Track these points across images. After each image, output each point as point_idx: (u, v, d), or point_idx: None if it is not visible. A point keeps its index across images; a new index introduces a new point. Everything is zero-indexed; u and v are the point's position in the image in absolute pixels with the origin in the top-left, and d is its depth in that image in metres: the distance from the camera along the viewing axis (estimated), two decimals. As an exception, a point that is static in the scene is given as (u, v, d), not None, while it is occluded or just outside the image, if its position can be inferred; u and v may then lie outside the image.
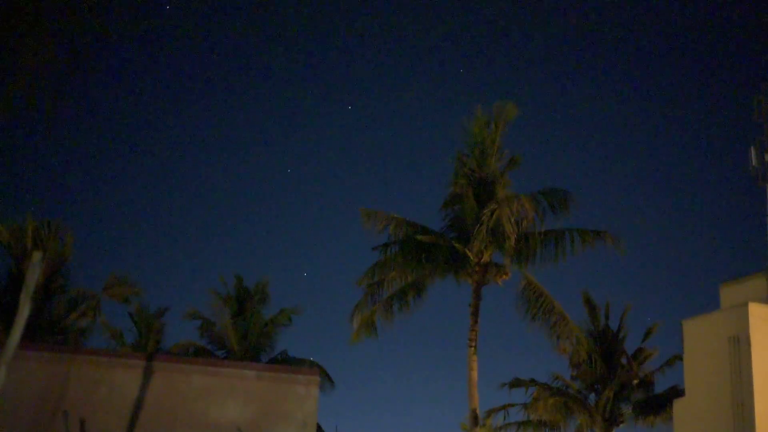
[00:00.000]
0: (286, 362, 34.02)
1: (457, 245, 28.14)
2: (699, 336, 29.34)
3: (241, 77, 70.97)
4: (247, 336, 33.82)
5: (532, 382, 34.12)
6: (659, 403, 33.57)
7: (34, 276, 10.20)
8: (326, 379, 34.25)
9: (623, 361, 34.09)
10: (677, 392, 32.14)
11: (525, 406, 34.16)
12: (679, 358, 32.37)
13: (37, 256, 10.31)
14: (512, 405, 34.41)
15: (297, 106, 71.36)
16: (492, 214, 27.25)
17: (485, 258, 28.34)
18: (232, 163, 70.38)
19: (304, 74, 71.54)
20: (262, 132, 71.17)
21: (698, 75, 67.03)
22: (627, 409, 34.07)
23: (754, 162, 36.07)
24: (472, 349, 28.03)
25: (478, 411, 28.07)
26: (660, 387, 34.46)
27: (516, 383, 34.12)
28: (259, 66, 70.36)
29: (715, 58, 66.33)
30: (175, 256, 69.16)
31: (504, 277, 28.52)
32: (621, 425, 33.97)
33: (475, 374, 27.96)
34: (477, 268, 28.33)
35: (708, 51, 67.35)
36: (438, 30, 68.38)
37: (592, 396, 34.21)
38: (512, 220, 27.44)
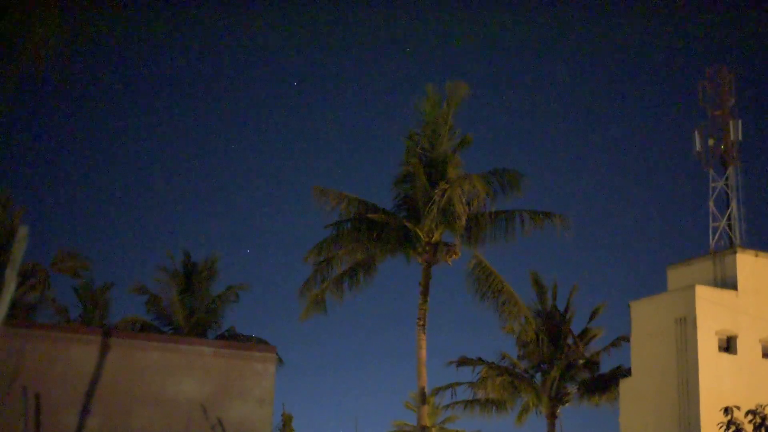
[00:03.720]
0: (234, 339, 33.88)
1: (407, 224, 28.18)
2: (646, 317, 29.77)
3: (191, 55, 70.26)
4: (194, 312, 33.62)
5: (480, 361, 34.36)
6: (605, 383, 34.03)
7: (20, 251, 9.99)
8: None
9: (569, 341, 34.47)
10: (623, 372, 32.60)
11: (472, 384, 34.41)
12: (625, 339, 32.84)
13: (23, 230, 10.08)
14: (459, 384, 34.66)
15: (245, 83, 70.94)
16: (443, 194, 27.29)
17: (436, 237, 28.41)
18: (181, 139, 69.80)
19: (251, 50, 71.03)
20: (210, 109, 70.67)
21: (645, 60, 67.73)
22: (573, 389, 34.50)
23: (698, 147, 36.59)
24: (421, 327, 28.10)
25: (426, 389, 28.18)
26: (605, 367, 34.95)
27: (463, 362, 34.34)
28: (207, 43, 69.74)
29: (662, 43, 67.03)
30: (122, 230, 68.52)
31: (454, 256, 28.60)
32: (567, 404, 34.40)
33: (423, 353, 28.04)
34: (427, 248, 28.39)
35: (655, 36, 68.04)
36: (389, 8, 68.26)
37: (539, 375, 34.57)
38: (463, 200, 27.54)
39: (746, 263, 30.67)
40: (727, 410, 20.12)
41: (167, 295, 33.88)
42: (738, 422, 19.98)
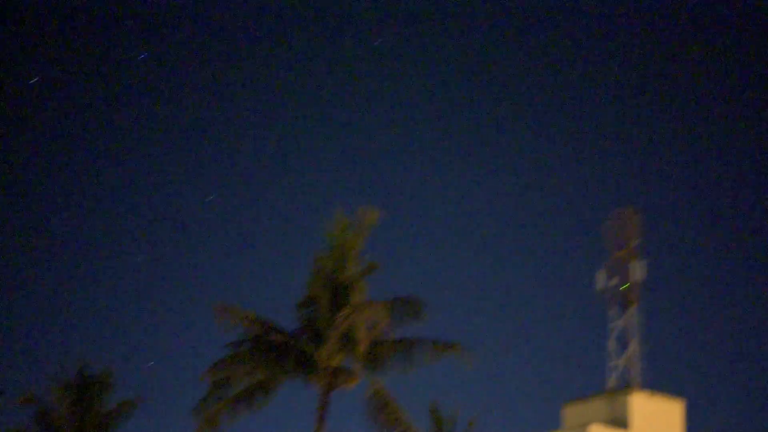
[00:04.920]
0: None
1: (307, 348, 28.04)
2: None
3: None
4: (84, 427, 32.71)
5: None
6: None
7: None
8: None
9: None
10: None
11: None
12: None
13: None
14: None
15: (152, 191, 70.55)
16: (345, 319, 27.32)
17: (335, 362, 28.27)
18: (79, 242, 68.76)
19: (162, 160, 70.82)
20: (114, 223, 69.92)
21: (551, 197, 69.16)
22: None
23: (600, 286, 37.26)
24: (317, 453, 27.75)
25: None
26: None
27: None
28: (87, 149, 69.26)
29: (569, 182, 68.62)
30: (14, 336, 66.69)
31: (353, 383, 28.45)
32: None
33: (318, 480, 27.61)
34: (326, 372, 28.21)
35: (563, 175, 69.65)
36: (300, 129, 68.97)
37: None
38: (365, 326, 27.55)
39: (640, 404, 31.02)
40: None
41: (57, 407, 32.96)
42: None
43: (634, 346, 36.43)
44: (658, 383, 35.54)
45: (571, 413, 31.24)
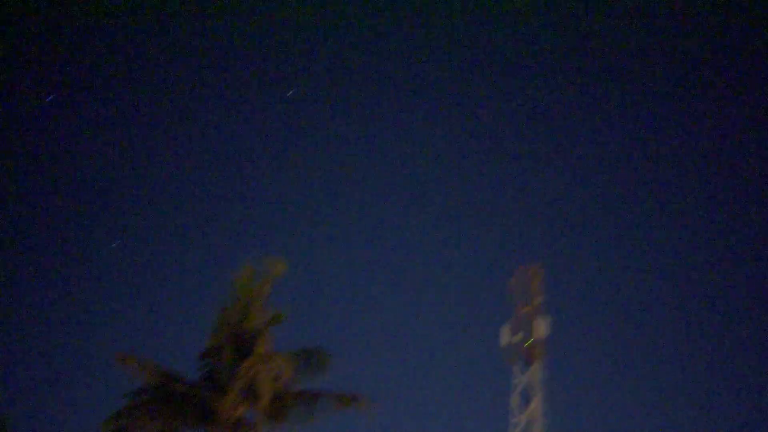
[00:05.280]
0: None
1: (209, 399, 27.68)
2: None
3: None
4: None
5: None
6: None
7: None
8: None
9: None
10: None
11: None
12: None
13: None
14: None
15: (55, 237, 69.23)
16: (249, 370, 27.11)
17: (237, 414, 27.95)
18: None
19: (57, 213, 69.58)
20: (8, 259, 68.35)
21: (456, 253, 69.61)
22: None
23: (504, 342, 37.55)
24: (216, 507, 27.31)
25: None
26: None
27: None
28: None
29: (474, 239, 69.19)
30: None
31: (255, 435, 28.16)
32: None
33: None
34: (228, 424, 27.85)
35: (467, 231, 70.23)
36: (209, 176, 68.57)
37: None
38: (269, 378, 27.35)
39: (542, 460, 31.16)
40: None
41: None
42: None
43: (536, 403, 36.72)
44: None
45: (473, 468, 31.33)
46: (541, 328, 37.51)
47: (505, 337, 37.53)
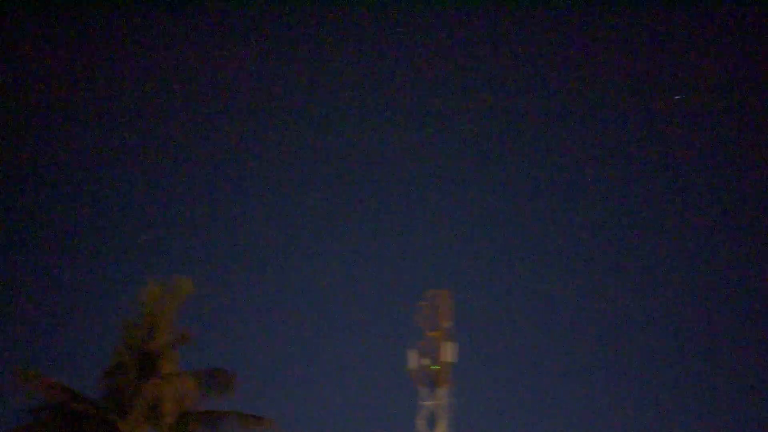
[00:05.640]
0: None
1: (112, 418, 27.32)
2: None
3: None
4: None
5: None
6: None
7: None
8: None
9: None
10: None
11: None
12: None
13: None
14: None
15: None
16: (153, 390, 26.87)
17: (140, 433, 27.66)
18: None
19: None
20: None
21: (366, 276, 69.70)
22: None
23: (411, 366, 37.75)
24: None
25: None
26: None
27: None
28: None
29: (386, 262, 69.40)
30: None
31: (157, 455, 27.84)
32: None
33: None
34: (130, 443, 27.54)
35: (379, 254, 70.41)
36: (117, 193, 67.68)
37: None
38: (173, 397, 27.11)
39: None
40: None
41: None
42: None
43: (442, 427, 36.95)
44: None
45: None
46: (448, 353, 37.80)
47: (413, 360, 37.72)
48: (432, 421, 37.83)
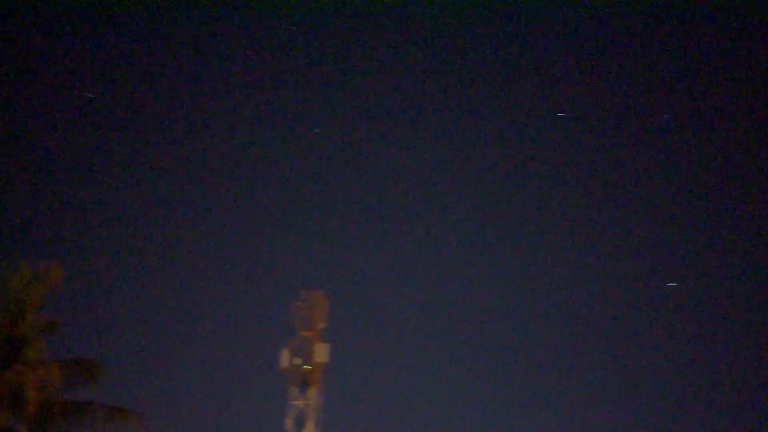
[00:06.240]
0: None
1: (-30, 405, 26.59)
2: None
3: None
4: None
5: None
6: None
7: None
8: None
9: None
10: None
11: None
12: None
13: None
14: None
15: None
16: (15, 378, 26.27)
17: (0, 422, 26.95)
18: None
19: None
20: None
21: (240, 269, 69.26)
22: None
23: (284, 364, 37.70)
24: None
25: None
26: None
27: None
28: None
29: (262, 258, 69.08)
30: None
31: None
32: None
33: None
34: (-12, 433, 26.83)
35: (259, 247, 70.08)
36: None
37: None
38: (35, 386, 26.53)
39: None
40: None
41: None
42: None
43: (310, 428, 36.95)
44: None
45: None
46: (321, 354, 37.88)
47: (285, 359, 37.67)
48: (300, 421, 37.81)
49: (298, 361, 38.07)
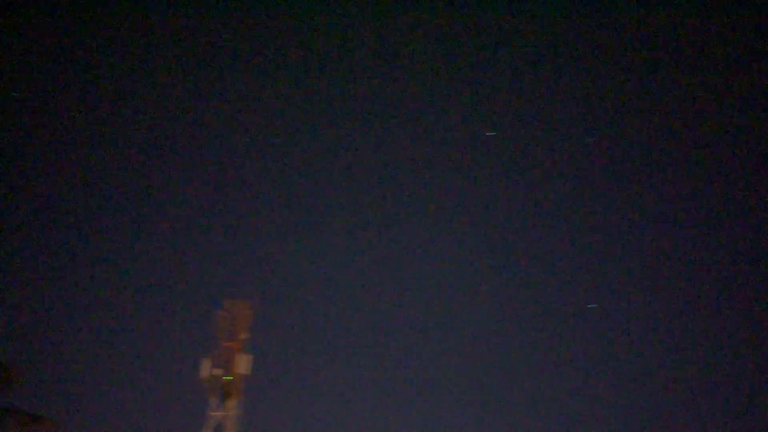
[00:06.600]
0: None
1: None
2: None
3: None
4: None
5: None
6: None
7: None
8: None
9: None
10: None
11: None
12: None
13: None
14: None
15: None
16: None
17: None
18: None
19: None
20: None
21: (166, 276, 68.53)
22: None
23: (204, 374, 37.36)
24: None
25: None
26: None
27: None
28: None
29: (180, 275, 68.39)
30: None
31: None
32: None
33: None
34: None
35: (184, 254, 69.42)
36: None
37: None
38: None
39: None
40: None
41: None
42: None
43: (229, 438, 36.68)
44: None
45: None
46: (242, 364, 37.58)
47: (206, 369, 37.33)
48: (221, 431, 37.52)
49: (218, 371, 37.75)
